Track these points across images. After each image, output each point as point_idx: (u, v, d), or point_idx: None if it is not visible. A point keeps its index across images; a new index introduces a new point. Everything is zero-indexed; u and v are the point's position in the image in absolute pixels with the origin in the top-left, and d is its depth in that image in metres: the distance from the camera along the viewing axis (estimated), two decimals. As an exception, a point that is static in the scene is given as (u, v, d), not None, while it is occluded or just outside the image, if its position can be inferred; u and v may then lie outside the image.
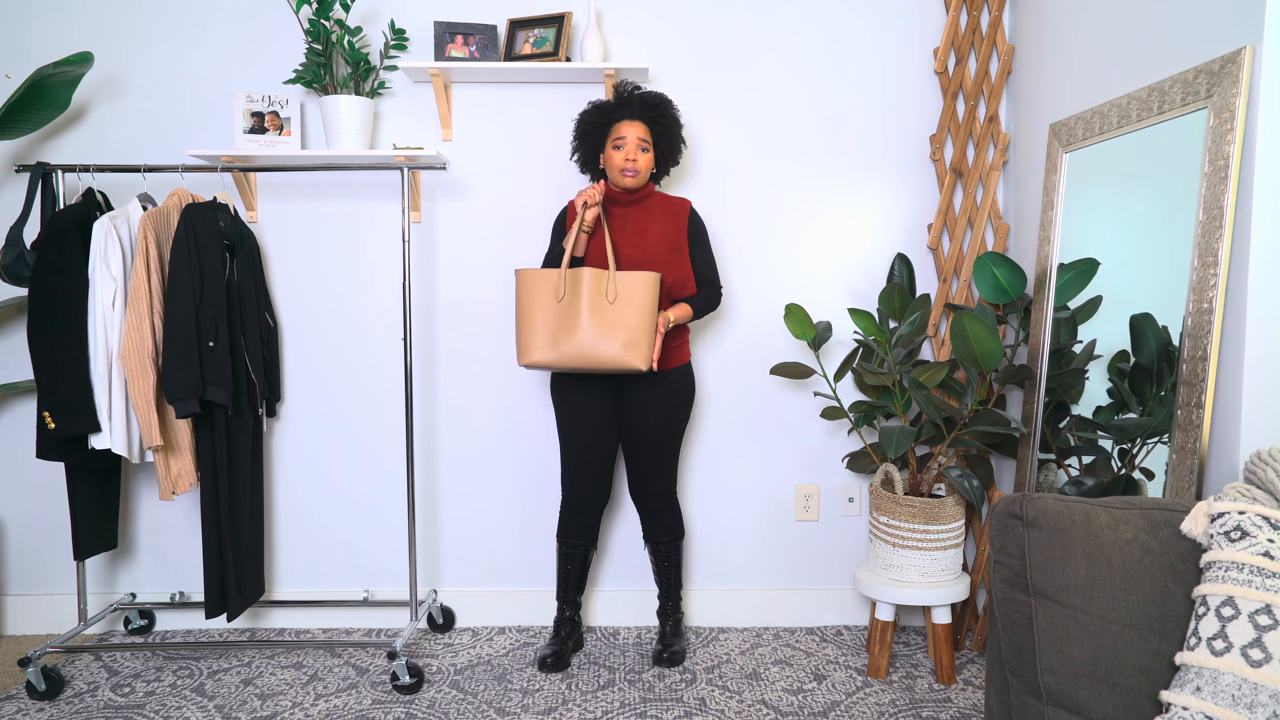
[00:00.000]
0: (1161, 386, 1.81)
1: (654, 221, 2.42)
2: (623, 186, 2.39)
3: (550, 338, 2.28)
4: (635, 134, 2.35)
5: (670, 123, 2.40)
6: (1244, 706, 1.15)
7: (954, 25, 2.66)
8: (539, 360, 2.29)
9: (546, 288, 2.30)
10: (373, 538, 2.84)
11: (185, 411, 2.28)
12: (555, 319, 2.29)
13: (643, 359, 2.27)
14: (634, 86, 2.40)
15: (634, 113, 2.37)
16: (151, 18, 2.68)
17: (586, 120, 2.40)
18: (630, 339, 2.26)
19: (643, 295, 2.28)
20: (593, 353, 2.27)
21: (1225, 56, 1.65)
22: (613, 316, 2.27)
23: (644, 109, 2.37)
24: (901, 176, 2.76)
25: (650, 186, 2.46)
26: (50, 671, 2.36)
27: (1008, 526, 1.44)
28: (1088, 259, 2.12)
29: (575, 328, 2.27)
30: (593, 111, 2.40)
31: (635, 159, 2.35)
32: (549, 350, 2.28)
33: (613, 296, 2.28)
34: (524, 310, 2.31)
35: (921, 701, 2.33)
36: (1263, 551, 1.22)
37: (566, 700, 2.33)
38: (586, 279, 2.28)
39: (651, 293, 2.28)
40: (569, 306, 2.28)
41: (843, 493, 2.84)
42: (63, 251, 2.32)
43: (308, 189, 2.75)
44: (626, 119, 2.36)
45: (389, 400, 2.80)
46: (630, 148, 2.35)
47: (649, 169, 2.40)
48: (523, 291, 2.31)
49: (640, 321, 2.27)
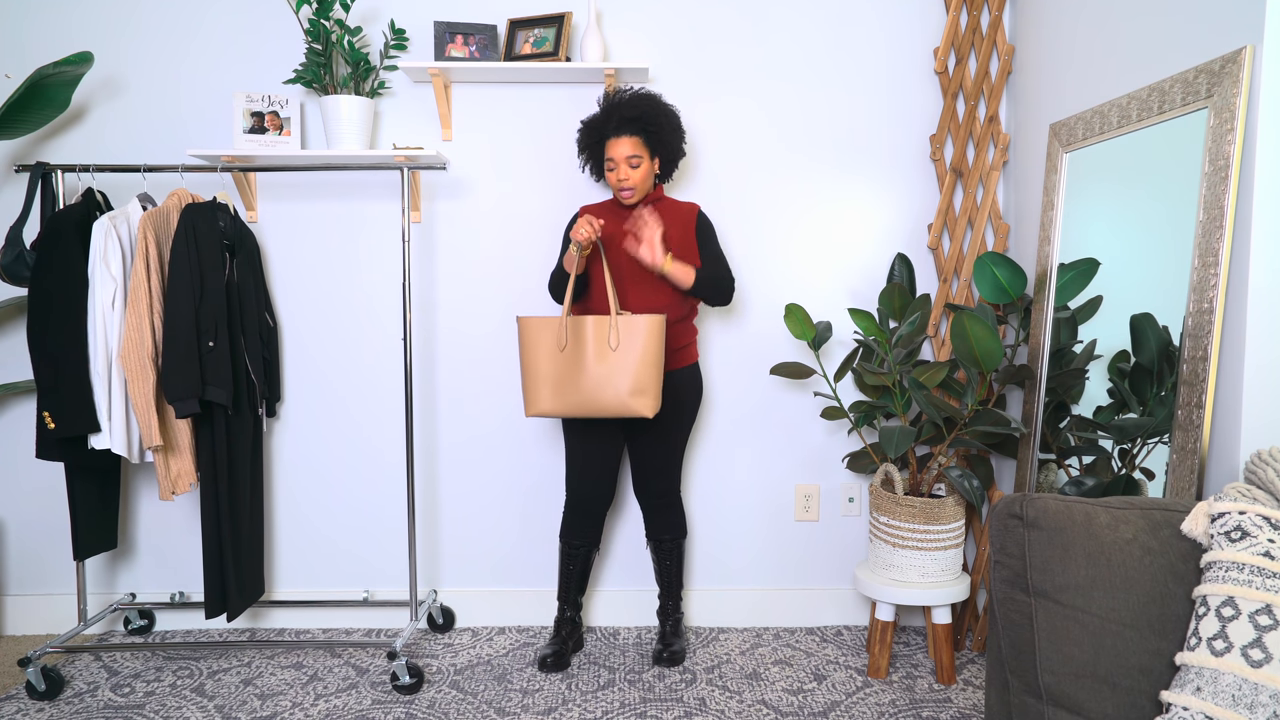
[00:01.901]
0: (1162, 386, 1.81)
1: (668, 227, 2.43)
2: (623, 204, 2.40)
3: (555, 387, 2.27)
4: (624, 153, 2.31)
5: (660, 128, 2.35)
6: (1244, 707, 1.15)
7: (954, 25, 2.66)
8: (545, 411, 2.28)
9: (549, 336, 2.28)
10: (373, 538, 2.84)
11: (185, 411, 2.28)
12: (559, 368, 2.27)
13: (649, 407, 2.25)
14: (619, 94, 2.35)
15: (619, 128, 2.31)
16: (151, 17, 2.68)
17: (582, 142, 2.41)
18: (636, 385, 2.24)
19: (646, 338, 2.24)
20: (598, 402, 2.25)
21: (1225, 56, 1.65)
22: (617, 363, 2.24)
23: (626, 123, 2.31)
24: (902, 176, 2.76)
25: (659, 189, 2.46)
26: (50, 671, 2.36)
27: (1008, 526, 1.44)
28: (1088, 259, 2.12)
29: (580, 376, 2.25)
30: (585, 133, 2.39)
31: (627, 178, 2.33)
32: (555, 400, 2.27)
33: (615, 343, 2.25)
34: (527, 360, 2.29)
35: (921, 701, 2.33)
36: (1263, 552, 1.22)
37: (566, 700, 2.33)
38: (589, 326, 2.26)
39: (657, 335, 2.25)
40: (572, 355, 2.26)
41: (843, 493, 2.84)
42: (63, 252, 2.32)
43: (308, 189, 2.75)
44: (614, 136, 2.32)
45: (389, 400, 2.80)
46: (620, 168, 2.33)
47: (645, 181, 2.37)
48: (525, 341, 2.30)
49: (645, 367, 2.24)
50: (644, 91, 2.38)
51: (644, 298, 2.37)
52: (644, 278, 2.37)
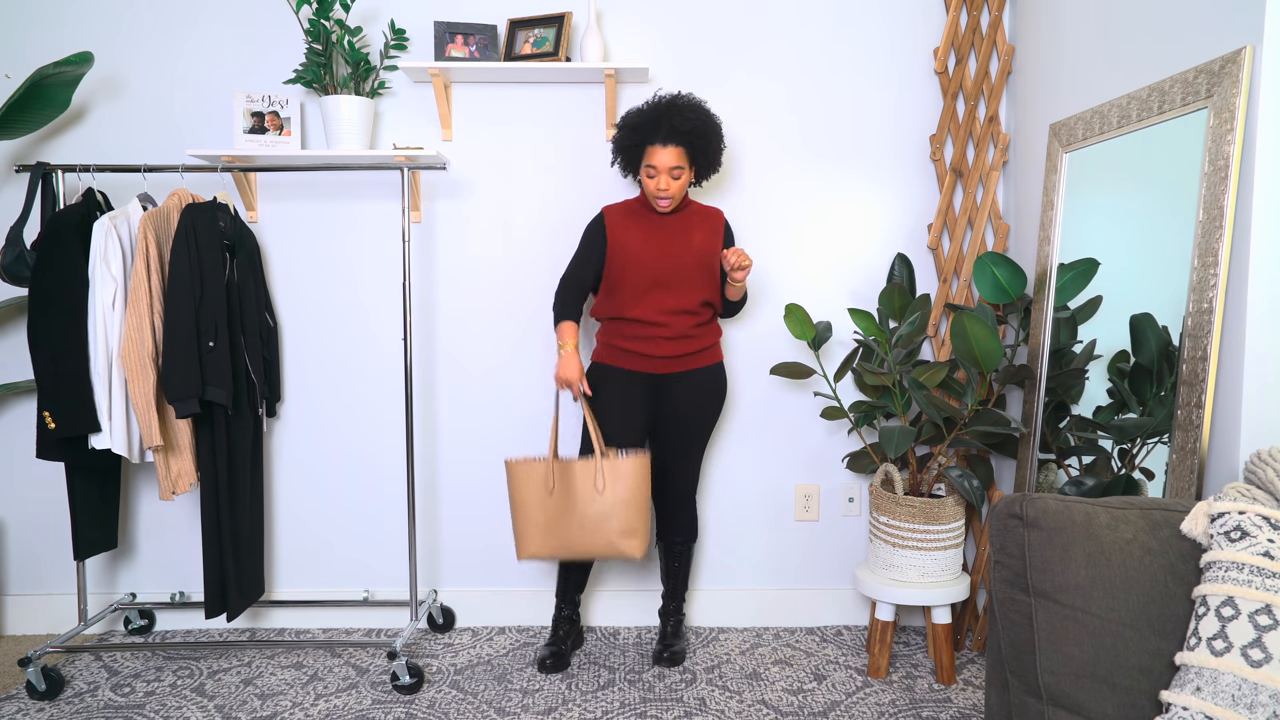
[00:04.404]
0: (1161, 386, 1.81)
1: (695, 229, 2.44)
2: (656, 209, 2.40)
3: (545, 530, 2.31)
4: (668, 163, 2.28)
5: (706, 141, 2.31)
6: (1244, 706, 1.15)
7: (954, 25, 2.66)
8: (537, 554, 2.32)
9: (536, 480, 2.32)
10: (372, 538, 2.84)
11: (185, 411, 2.28)
12: (548, 512, 2.31)
13: (638, 547, 2.30)
14: (668, 100, 2.29)
15: (665, 137, 2.27)
16: (151, 18, 2.68)
17: (620, 141, 2.35)
18: (625, 527, 2.29)
19: (632, 479, 2.29)
20: (587, 546, 2.31)
21: (1225, 56, 1.65)
22: (605, 507, 2.29)
23: (675, 135, 2.27)
24: (902, 176, 2.76)
25: (686, 195, 2.48)
26: (50, 671, 2.36)
27: (1008, 526, 1.44)
28: (1088, 259, 2.12)
29: (568, 520, 2.30)
30: (627, 132, 2.32)
31: (667, 188, 2.32)
32: (545, 542, 2.32)
33: (601, 486, 2.29)
34: (516, 502, 2.34)
35: (921, 701, 2.33)
36: (1263, 551, 1.22)
37: (566, 700, 2.33)
38: (576, 471, 2.30)
39: (643, 475, 2.30)
40: (561, 498, 2.31)
41: (843, 493, 2.84)
42: (63, 252, 2.32)
43: (308, 189, 2.75)
44: (659, 144, 2.28)
45: (389, 400, 2.80)
46: (662, 178, 2.31)
47: (682, 191, 2.36)
48: (513, 484, 2.34)
49: (632, 509, 2.29)
50: (695, 101, 2.32)
51: (672, 300, 2.39)
52: (671, 281, 2.38)
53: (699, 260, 2.41)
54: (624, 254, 2.38)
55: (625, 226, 2.41)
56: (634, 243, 2.39)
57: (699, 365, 2.47)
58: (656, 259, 2.39)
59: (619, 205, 2.47)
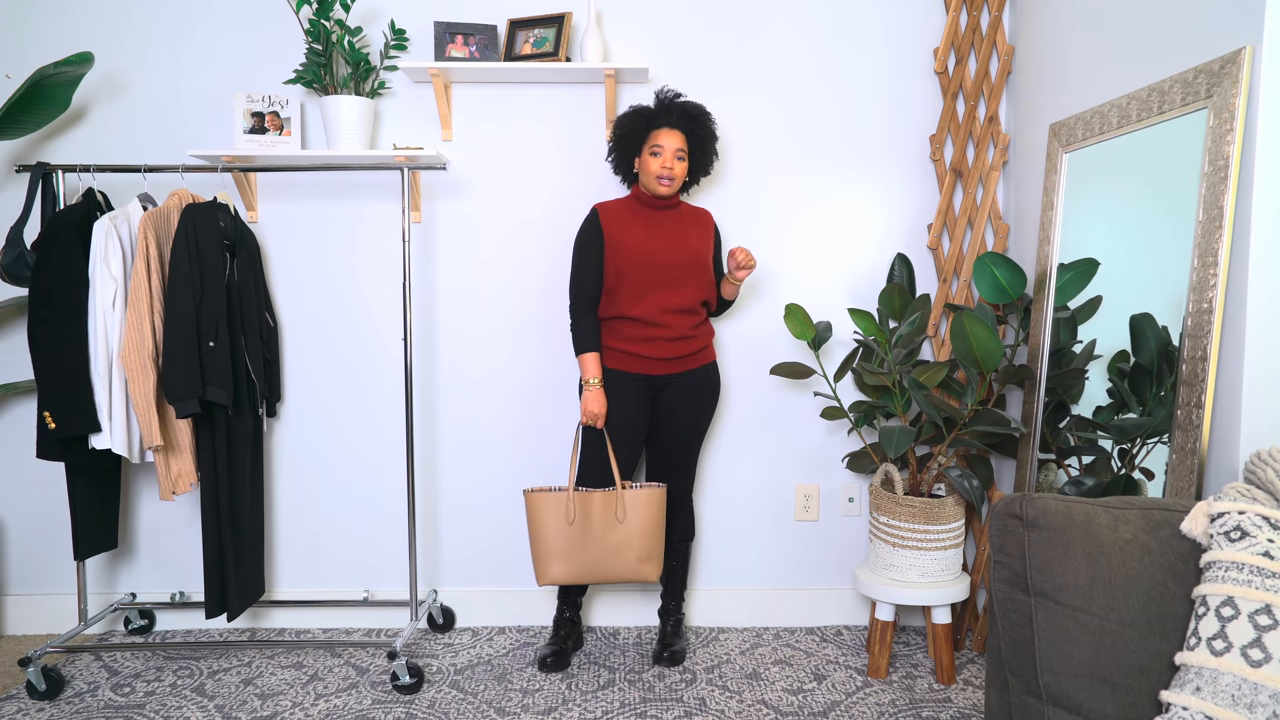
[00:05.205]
0: (1161, 386, 1.81)
1: (689, 227, 2.48)
2: (656, 194, 2.41)
3: (565, 556, 2.41)
4: (674, 144, 2.37)
5: (707, 135, 2.42)
6: (1244, 706, 1.15)
7: (954, 25, 2.66)
8: (557, 580, 2.41)
9: (557, 510, 2.40)
10: (373, 538, 2.84)
11: (185, 412, 2.28)
12: (568, 540, 2.40)
13: (655, 572, 2.44)
14: (675, 94, 2.41)
15: (674, 121, 2.38)
16: (152, 18, 2.68)
17: (625, 124, 2.40)
18: (644, 553, 2.41)
19: (649, 509, 2.41)
20: (607, 571, 2.42)
21: (1225, 56, 1.65)
22: (625, 535, 2.41)
23: (683, 119, 2.38)
24: (901, 176, 2.76)
25: (678, 195, 2.49)
26: (50, 671, 2.36)
27: (1008, 526, 1.44)
28: (1088, 259, 2.12)
29: (588, 547, 2.41)
30: (632, 116, 2.39)
31: (671, 168, 2.37)
32: (566, 569, 2.41)
33: (622, 516, 2.40)
34: (537, 531, 2.41)
35: (921, 701, 2.33)
36: (1263, 551, 1.22)
37: (566, 700, 2.33)
38: (596, 501, 2.40)
39: (659, 505, 2.43)
40: (581, 528, 2.41)
41: (843, 493, 2.84)
42: (63, 252, 2.32)
43: (308, 189, 2.75)
44: (666, 127, 2.37)
45: (389, 400, 2.80)
46: (667, 156, 2.36)
47: (683, 178, 2.43)
48: (533, 514, 2.41)
49: (649, 538, 2.41)
50: (697, 102, 2.48)
51: (673, 298, 2.41)
52: (671, 278, 2.40)
53: (694, 258, 2.44)
54: (622, 249, 2.39)
55: (621, 223, 2.41)
56: (632, 239, 2.40)
57: (695, 365, 2.49)
58: (656, 255, 2.40)
59: (611, 202, 2.47)
